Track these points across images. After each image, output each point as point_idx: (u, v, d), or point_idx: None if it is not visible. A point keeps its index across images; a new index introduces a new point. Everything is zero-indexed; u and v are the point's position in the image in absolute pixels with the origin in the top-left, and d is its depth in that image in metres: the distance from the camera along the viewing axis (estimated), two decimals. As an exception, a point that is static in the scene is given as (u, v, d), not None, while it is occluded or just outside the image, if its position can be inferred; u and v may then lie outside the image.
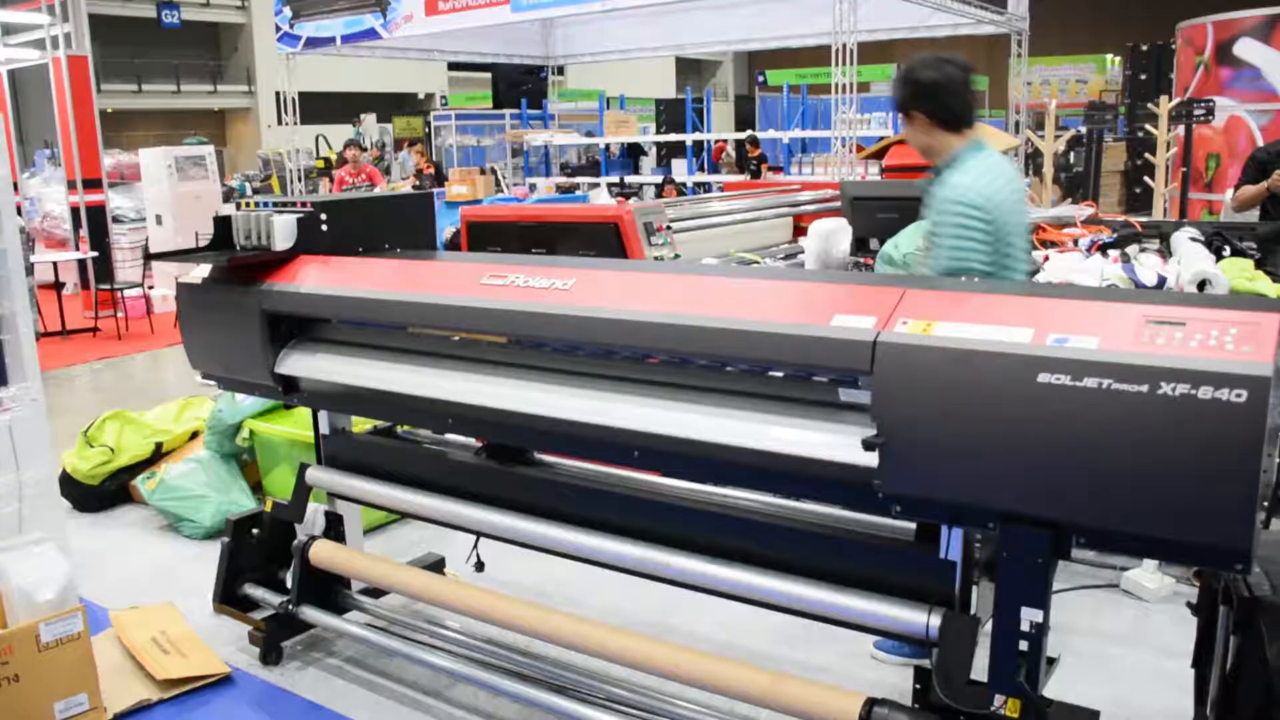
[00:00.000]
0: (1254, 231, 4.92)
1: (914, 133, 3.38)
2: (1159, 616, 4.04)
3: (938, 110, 3.28)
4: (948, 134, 3.29)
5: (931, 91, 3.28)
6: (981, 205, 3.15)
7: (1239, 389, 1.94)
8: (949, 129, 3.29)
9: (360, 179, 11.98)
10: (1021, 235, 3.34)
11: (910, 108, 3.33)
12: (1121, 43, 22.27)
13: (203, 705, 3.60)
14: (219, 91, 33.77)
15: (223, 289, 3.62)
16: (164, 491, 5.20)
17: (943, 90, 3.27)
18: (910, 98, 3.33)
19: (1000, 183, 3.24)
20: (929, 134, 3.32)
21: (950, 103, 3.28)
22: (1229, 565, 2.09)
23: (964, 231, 3.16)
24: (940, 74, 3.27)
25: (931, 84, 3.28)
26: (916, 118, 3.32)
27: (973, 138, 3.31)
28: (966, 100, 3.31)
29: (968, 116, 3.31)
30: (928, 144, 3.34)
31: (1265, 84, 10.98)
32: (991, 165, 3.28)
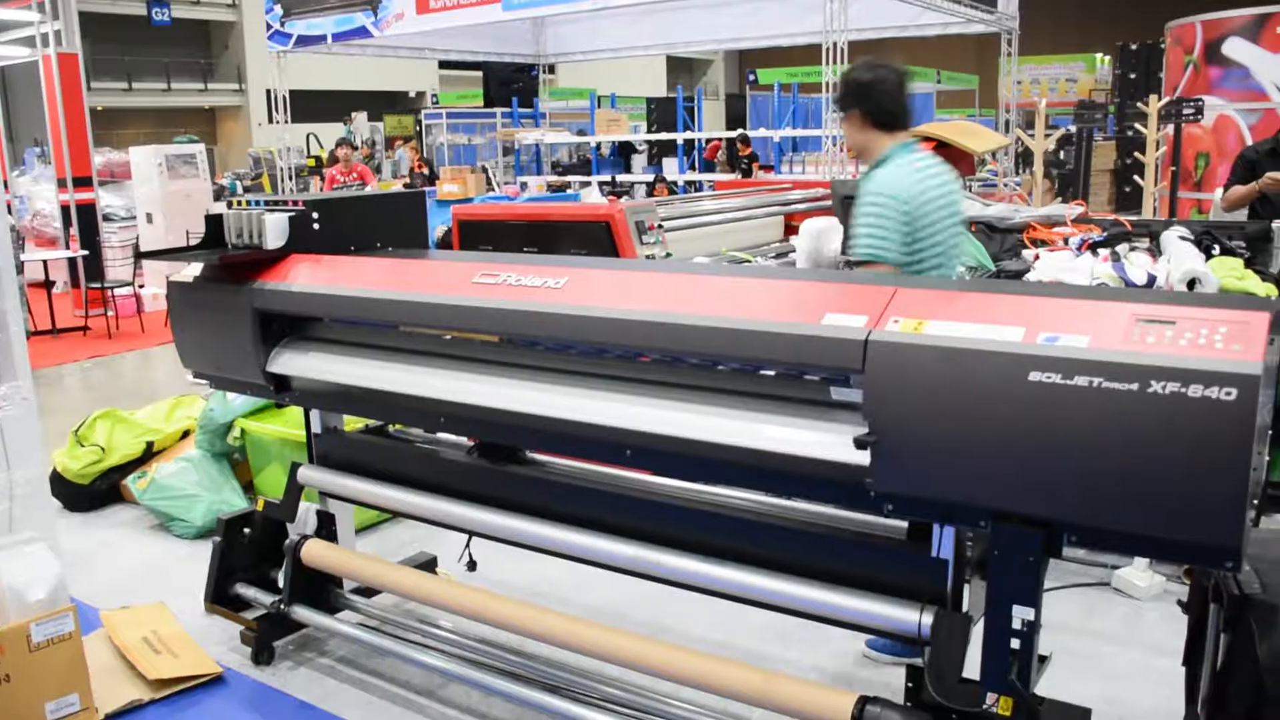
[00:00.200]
0: (1243, 230, 4.94)
1: (850, 131, 3.54)
2: (1150, 614, 4.05)
3: (872, 110, 3.44)
4: (881, 133, 3.45)
5: (866, 92, 3.45)
6: (898, 196, 3.30)
7: (1229, 387, 1.95)
8: (882, 128, 3.45)
9: (352, 178, 11.97)
10: (949, 231, 3.47)
11: (847, 107, 3.51)
12: (1111, 42, 22.34)
13: (194, 705, 3.59)
14: (209, 90, 33.69)
15: (214, 288, 3.61)
16: (155, 491, 5.19)
17: (876, 91, 3.44)
18: (846, 97, 3.52)
19: (924, 180, 3.39)
20: (863, 132, 3.48)
21: (883, 102, 3.43)
22: (1219, 563, 2.10)
23: (879, 220, 3.31)
24: (875, 75, 3.45)
25: (866, 84, 3.45)
26: (852, 116, 3.50)
27: (905, 138, 3.48)
28: (900, 102, 3.46)
29: (901, 118, 3.47)
30: (863, 142, 3.51)
31: (1254, 83, 11.02)
32: (919, 163, 3.43)
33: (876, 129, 3.46)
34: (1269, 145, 5.82)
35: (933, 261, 3.42)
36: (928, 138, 9.15)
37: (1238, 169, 5.82)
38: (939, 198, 3.43)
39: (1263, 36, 10.89)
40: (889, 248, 3.30)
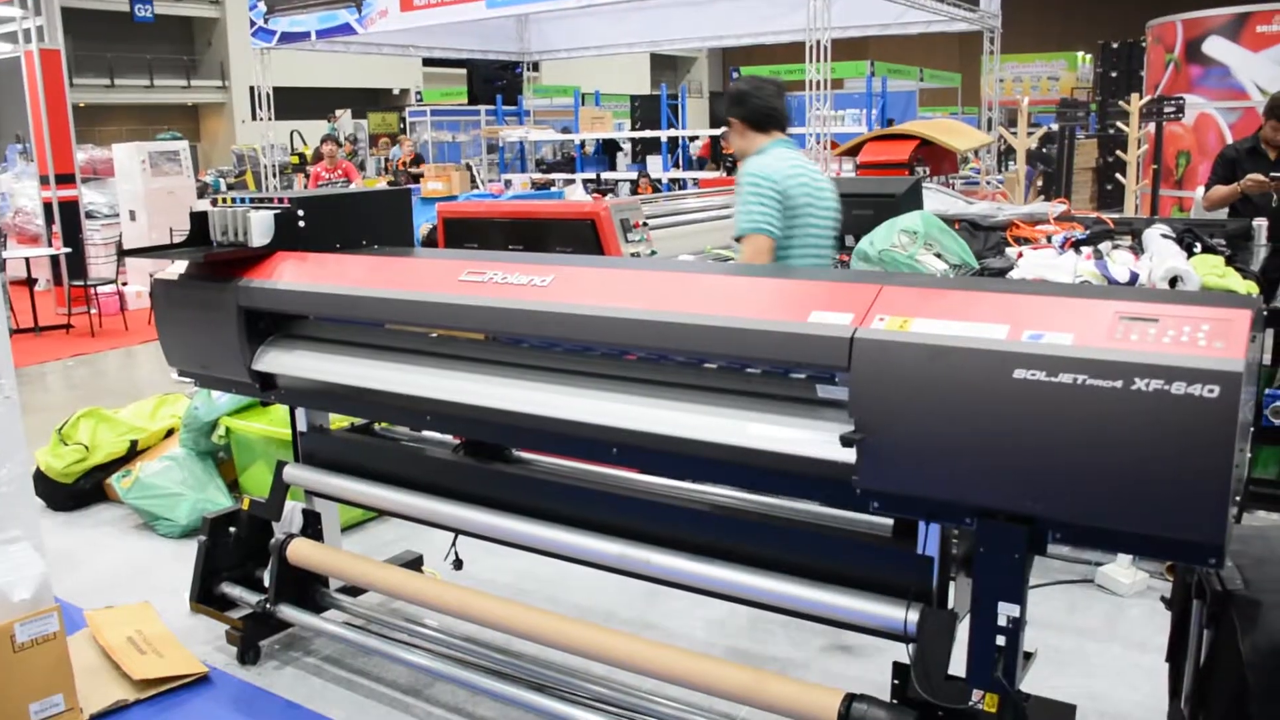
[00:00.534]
0: (1224, 228, 4.97)
1: (732, 136, 4.00)
2: (1133, 611, 4.08)
3: (748, 114, 3.92)
4: (757, 134, 3.93)
5: (743, 99, 3.93)
6: (770, 177, 3.76)
7: (1211, 384, 1.96)
8: (758, 129, 3.93)
9: (337, 175, 11.94)
10: (820, 218, 3.92)
11: (727, 114, 3.99)
12: (1092, 40, 22.42)
13: (180, 705, 3.58)
14: (193, 86, 33.52)
15: (199, 285, 3.60)
16: (139, 490, 5.17)
17: (752, 98, 3.93)
18: (727, 106, 4.01)
19: (793, 168, 3.84)
20: (744, 136, 3.95)
21: (758, 107, 3.92)
22: (1203, 560, 2.11)
23: (757, 195, 3.75)
24: (751, 86, 3.99)
25: (744, 94, 3.95)
26: (733, 123, 3.97)
27: (777, 137, 3.94)
28: (775, 108, 3.95)
29: (775, 120, 3.95)
30: (743, 144, 3.96)
31: (1234, 82, 11.07)
32: (789, 155, 3.91)
33: (754, 131, 3.93)
34: (1249, 144, 5.86)
35: (800, 249, 3.86)
36: (912, 136, 9.22)
37: (1218, 168, 5.86)
38: (807, 188, 3.85)
39: (1243, 35, 10.95)
40: (770, 221, 3.74)
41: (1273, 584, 2.64)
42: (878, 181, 6.12)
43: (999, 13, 14.17)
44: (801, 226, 3.84)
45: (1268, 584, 2.64)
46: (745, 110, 3.92)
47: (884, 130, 9.83)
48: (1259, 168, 5.57)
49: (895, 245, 4.15)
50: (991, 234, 5.07)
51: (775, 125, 3.95)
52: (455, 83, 28.21)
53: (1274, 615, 2.53)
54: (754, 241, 3.78)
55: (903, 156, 8.31)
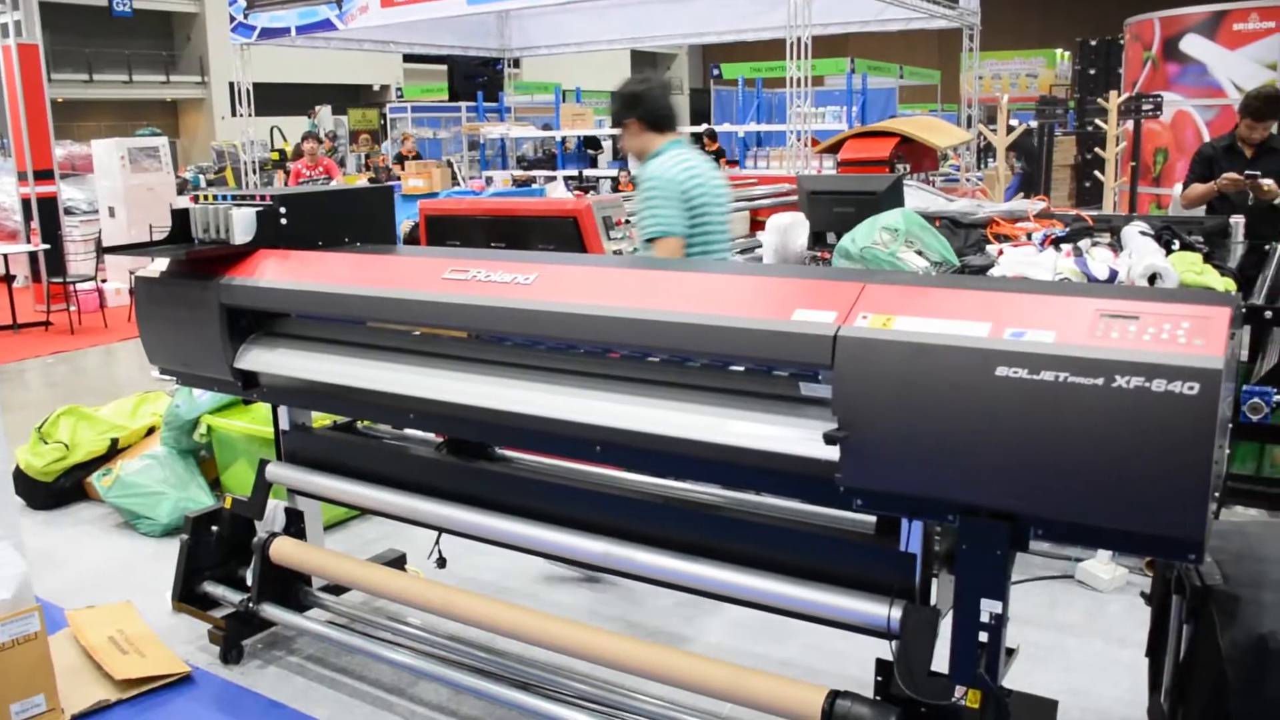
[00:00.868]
0: (1202, 226, 5.01)
1: (628, 137, 4.09)
2: (1113, 606, 4.11)
3: (644, 115, 4.01)
4: (654, 134, 4.02)
5: (639, 101, 4.00)
6: (671, 179, 3.87)
7: (1191, 381, 1.98)
8: (654, 130, 4.02)
9: (318, 171, 11.89)
10: (718, 214, 4.04)
11: (623, 117, 4.05)
12: (1071, 38, 22.52)
13: (162, 705, 3.57)
14: (172, 82, 33.31)
15: (181, 283, 3.58)
16: (120, 488, 5.14)
17: (647, 99, 4.01)
18: (622, 108, 4.05)
19: (691, 168, 3.94)
20: (640, 137, 4.04)
21: (653, 108, 4.01)
22: (1183, 556, 2.13)
23: (661, 198, 3.86)
24: (644, 87, 4.06)
25: (638, 95, 4.02)
26: (629, 124, 4.04)
27: (673, 137, 4.04)
28: (667, 107, 4.05)
29: (669, 120, 4.06)
30: (640, 145, 4.05)
31: (1211, 79, 11.17)
32: (686, 155, 4.00)
33: (650, 131, 4.02)
34: (1225, 142, 5.91)
35: (701, 245, 3.96)
36: (892, 133, 9.24)
37: (1196, 166, 5.90)
38: (700, 184, 3.95)
39: (1219, 33, 11.04)
40: (674, 223, 3.85)
41: (1251, 579, 2.67)
42: (859, 179, 6.14)
43: (978, 10, 14.23)
44: (701, 223, 3.96)
45: (1246, 579, 2.67)
46: (643, 111, 4.01)
47: (864, 127, 9.85)
48: (1235, 166, 5.61)
49: (877, 243, 4.17)
50: (972, 231, 5.09)
51: (670, 126, 4.07)
52: (436, 79, 28.13)
53: (1253, 610, 2.56)
54: (665, 244, 3.89)
55: (883, 154, 8.33)
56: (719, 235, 4.08)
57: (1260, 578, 2.67)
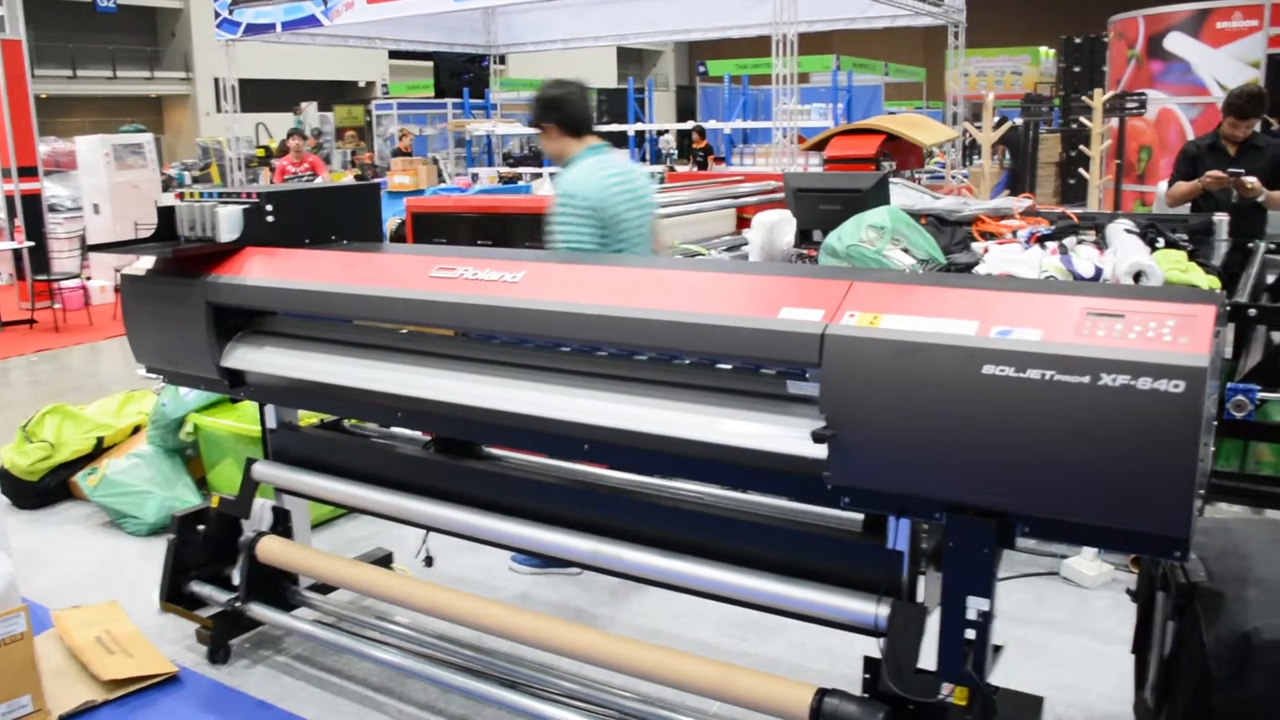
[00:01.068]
0: (1186, 223, 5.04)
1: (547, 141, 4.11)
2: (1098, 602, 4.13)
3: (563, 120, 4.02)
4: (572, 139, 4.04)
5: (558, 105, 4.01)
6: (579, 193, 3.89)
7: (1177, 380, 1.99)
8: (573, 135, 4.04)
9: (303, 168, 11.86)
10: (638, 217, 4.07)
11: (542, 121, 4.06)
12: (1055, 35, 22.61)
13: (149, 706, 3.55)
14: (156, 78, 33.15)
15: (167, 281, 3.57)
16: (106, 487, 5.12)
17: (566, 103, 4.02)
18: (541, 112, 4.06)
19: (605, 177, 3.96)
20: (558, 141, 4.06)
21: (572, 112, 4.02)
22: (1168, 553, 2.14)
23: (570, 218, 3.89)
24: (564, 91, 4.05)
25: (557, 99, 4.03)
26: (548, 128, 4.05)
27: (591, 142, 4.05)
28: (585, 112, 4.08)
29: (587, 125, 4.07)
30: (558, 149, 4.08)
31: (1194, 77, 11.22)
32: (602, 163, 4.01)
33: (569, 136, 4.04)
34: (1209, 140, 5.93)
35: (616, 249, 3.98)
36: (878, 130, 9.25)
37: (1180, 164, 5.92)
38: (621, 192, 3.99)
39: (1203, 31, 11.09)
40: (584, 241, 3.88)
41: (1236, 576, 2.69)
42: (845, 177, 6.14)
43: (963, 7, 14.24)
44: (620, 228, 3.99)
45: (1231, 576, 2.69)
46: (562, 116, 4.03)
47: (850, 125, 9.87)
48: (1220, 164, 5.64)
49: (863, 240, 4.18)
50: (958, 229, 5.11)
51: (588, 130, 4.09)
52: (422, 75, 28.08)
53: (1237, 607, 2.58)
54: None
55: (869, 151, 8.35)
56: (639, 235, 4.10)
57: (1244, 574, 2.70)
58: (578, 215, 3.89)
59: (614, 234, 3.98)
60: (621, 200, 4.00)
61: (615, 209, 3.96)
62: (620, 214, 3.98)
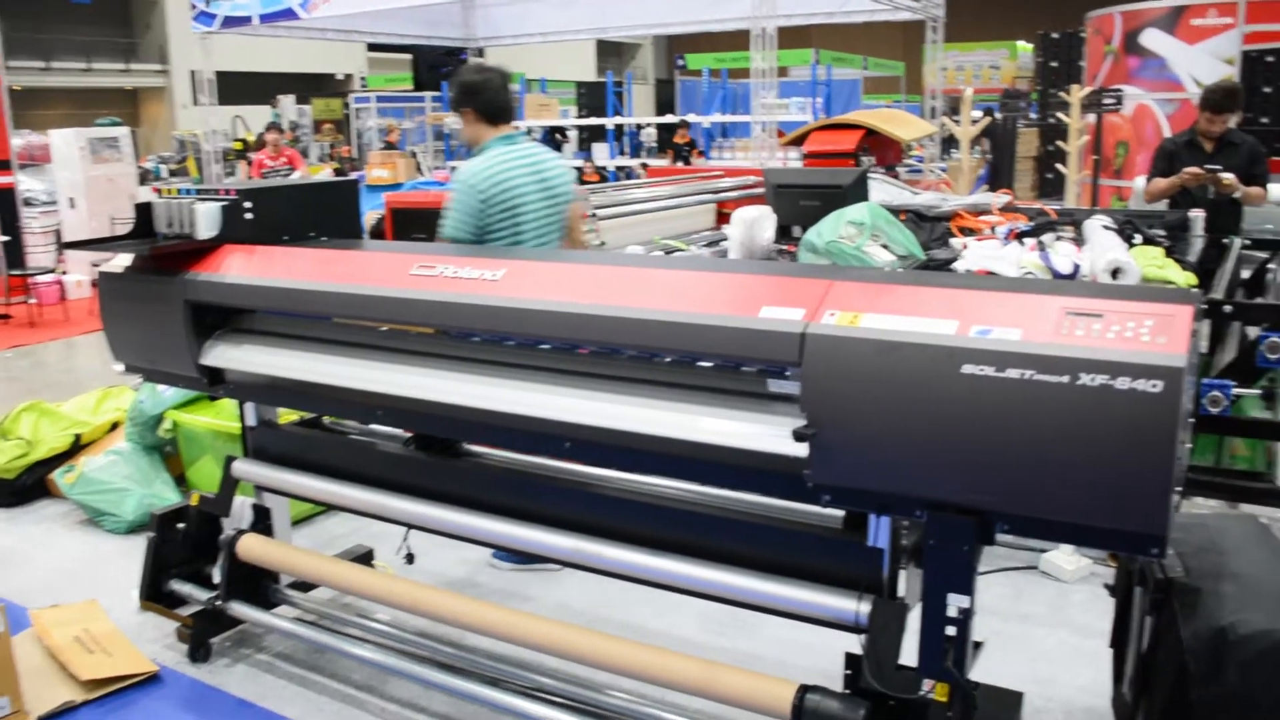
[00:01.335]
0: (1163, 219, 5.07)
1: (464, 126, 4.17)
2: (1076, 596, 4.16)
3: (481, 106, 4.08)
4: (488, 126, 4.10)
5: (477, 91, 4.07)
6: (474, 184, 3.97)
7: (1155, 379, 2.01)
8: (489, 122, 4.10)
9: (280, 162, 11.80)
10: (538, 210, 4.11)
11: (460, 105, 4.12)
12: (1033, 30, 22.68)
13: (129, 705, 3.54)
14: (131, 70, 32.85)
15: (145, 279, 3.55)
16: (84, 485, 5.09)
17: (485, 90, 4.08)
18: (460, 97, 4.11)
19: (509, 166, 4.03)
20: (474, 127, 4.12)
21: (491, 99, 4.08)
22: (1146, 550, 2.16)
23: (457, 207, 3.97)
24: (482, 78, 4.12)
25: (477, 85, 4.09)
26: (466, 114, 4.11)
27: (506, 130, 4.12)
28: (504, 100, 4.13)
29: (504, 114, 4.14)
30: (473, 135, 4.14)
31: (1170, 74, 11.29)
32: (508, 152, 4.07)
33: (484, 123, 4.10)
34: (1186, 137, 5.97)
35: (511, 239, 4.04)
36: (857, 125, 9.27)
37: (1158, 161, 5.96)
38: (526, 182, 4.06)
39: (1179, 28, 11.16)
40: (463, 230, 3.97)
41: (1212, 571, 2.72)
42: (825, 173, 6.16)
43: (942, 2, 14.26)
44: (522, 217, 4.06)
45: (1207, 572, 2.72)
46: (480, 102, 4.08)
47: (830, 120, 9.89)
48: (1196, 160, 5.68)
49: (842, 237, 4.19)
50: (937, 225, 5.13)
51: (504, 119, 4.14)
52: (401, 68, 27.95)
53: (1213, 602, 2.61)
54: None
55: (849, 146, 8.37)
56: (541, 229, 4.14)
57: (1220, 570, 2.73)
58: (463, 205, 3.98)
59: (514, 223, 4.04)
60: (524, 190, 4.05)
61: (513, 199, 4.02)
62: (521, 204, 4.04)
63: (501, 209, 4.00)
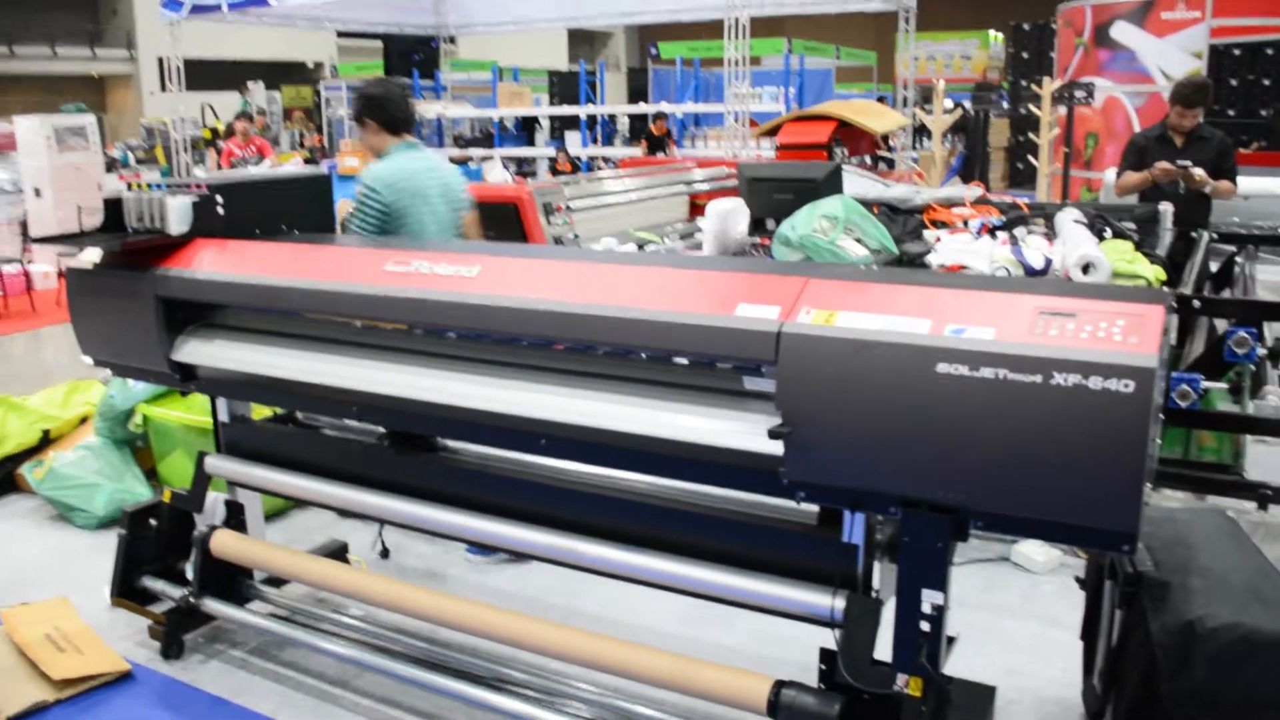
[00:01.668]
0: (1133, 213, 5.12)
1: (367, 136, 4.37)
2: (1047, 587, 4.20)
3: (386, 119, 4.31)
4: (390, 136, 4.33)
5: (382, 104, 4.31)
6: (376, 187, 4.17)
7: (1127, 379, 2.04)
8: (391, 132, 4.33)
9: (250, 151, 11.71)
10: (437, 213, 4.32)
11: (363, 117, 4.33)
12: (1004, 21, 22.79)
13: (102, 704, 3.51)
14: (98, 57, 32.46)
15: (115, 275, 3.53)
16: (53, 480, 5.04)
17: (389, 102, 4.32)
18: (363, 109, 4.33)
19: (410, 171, 4.24)
20: (378, 136, 4.33)
21: (392, 111, 4.31)
22: (1117, 547, 2.19)
23: (362, 207, 4.17)
24: (384, 90, 4.38)
25: (379, 99, 4.32)
26: (368, 124, 4.33)
27: (408, 139, 4.37)
28: (404, 111, 4.37)
29: (405, 124, 4.38)
30: (377, 144, 4.35)
31: (1140, 66, 11.39)
32: (411, 157, 4.31)
33: (387, 133, 4.32)
34: (1156, 131, 6.02)
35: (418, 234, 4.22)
36: (830, 117, 9.27)
37: (1128, 155, 6.01)
38: (427, 185, 4.27)
39: (1148, 21, 11.25)
40: (369, 228, 4.15)
41: (1181, 566, 2.75)
42: (799, 166, 6.18)
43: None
44: (421, 219, 4.25)
45: (1176, 566, 2.75)
46: (384, 115, 4.31)
47: (803, 111, 9.90)
48: (1167, 155, 5.73)
49: (816, 230, 4.21)
50: (910, 218, 5.15)
51: (405, 128, 4.39)
52: (371, 56, 27.78)
53: (1181, 596, 2.65)
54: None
55: (822, 138, 8.37)
56: (436, 233, 4.32)
57: (1189, 564, 2.76)
58: (368, 206, 4.16)
59: (418, 224, 4.23)
60: (429, 193, 4.27)
61: (418, 201, 4.23)
62: (425, 206, 4.25)
63: (407, 209, 4.19)
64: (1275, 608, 2.58)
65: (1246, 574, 2.74)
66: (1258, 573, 2.76)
